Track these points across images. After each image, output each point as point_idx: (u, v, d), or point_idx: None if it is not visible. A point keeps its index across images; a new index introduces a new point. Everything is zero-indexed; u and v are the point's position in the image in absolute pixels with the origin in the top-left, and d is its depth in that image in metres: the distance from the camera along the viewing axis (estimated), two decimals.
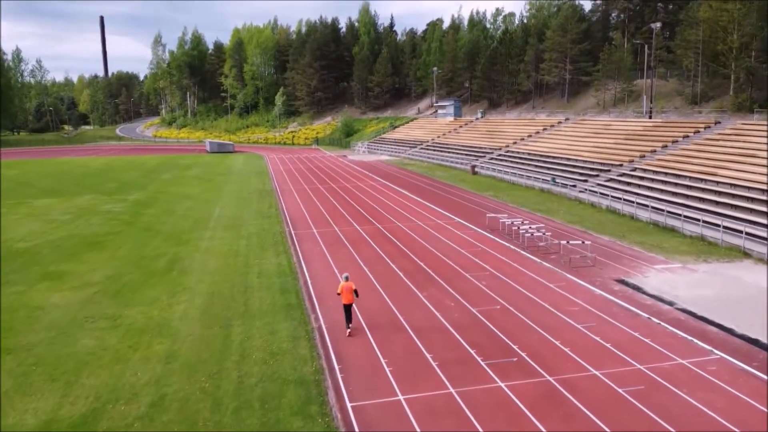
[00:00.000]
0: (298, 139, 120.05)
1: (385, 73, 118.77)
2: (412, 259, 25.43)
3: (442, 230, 31.48)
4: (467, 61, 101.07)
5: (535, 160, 53.61)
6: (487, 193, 44.71)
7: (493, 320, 17.90)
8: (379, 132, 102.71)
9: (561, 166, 49.04)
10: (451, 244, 28.19)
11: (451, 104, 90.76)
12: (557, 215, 35.00)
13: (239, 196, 45.91)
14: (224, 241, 29.63)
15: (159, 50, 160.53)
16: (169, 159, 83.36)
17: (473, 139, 72.44)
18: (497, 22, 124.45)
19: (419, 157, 75.54)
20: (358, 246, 28.19)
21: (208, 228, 33.21)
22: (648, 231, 30.40)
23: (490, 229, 31.01)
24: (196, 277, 23.18)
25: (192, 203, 42.29)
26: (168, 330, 17.79)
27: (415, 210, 38.09)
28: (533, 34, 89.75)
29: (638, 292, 20.63)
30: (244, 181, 56.13)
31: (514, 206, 38.67)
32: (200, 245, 28.81)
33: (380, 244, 28.44)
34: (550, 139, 59.36)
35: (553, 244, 26.77)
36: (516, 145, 62.08)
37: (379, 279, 22.52)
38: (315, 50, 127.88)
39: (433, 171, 61.56)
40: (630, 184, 39.63)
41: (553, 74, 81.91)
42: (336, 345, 16.44)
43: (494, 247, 27.32)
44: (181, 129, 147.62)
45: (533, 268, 23.68)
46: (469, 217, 34.86)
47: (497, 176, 53.53)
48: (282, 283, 22.13)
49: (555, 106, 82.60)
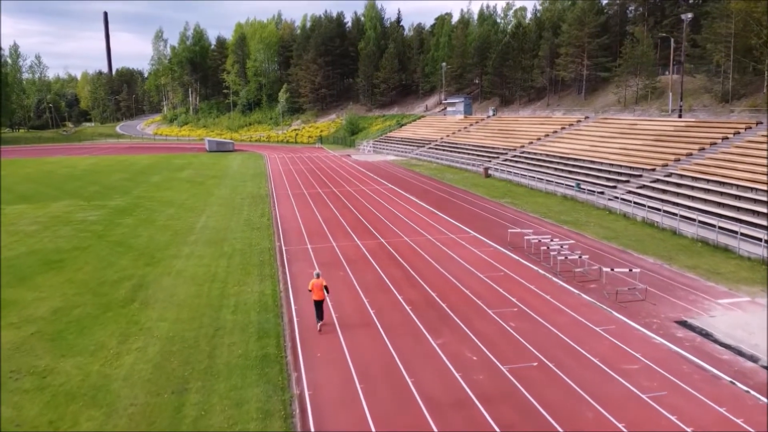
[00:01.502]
0: (301, 137, 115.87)
1: (392, 69, 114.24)
2: (422, 288, 21.15)
3: (456, 247, 27.18)
4: (477, 56, 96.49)
5: (555, 162, 49.15)
6: (503, 199, 40.32)
7: (531, 386, 13.61)
8: (385, 130, 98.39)
9: (584, 170, 44.58)
10: (467, 266, 23.89)
11: (461, 101, 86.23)
12: (587, 229, 30.59)
13: (230, 202, 41.75)
14: (202, 261, 25.45)
15: (160, 46, 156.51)
16: (162, 159, 79.28)
17: (485, 139, 67.98)
18: (508, 16, 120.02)
19: (427, 157, 71.18)
20: (357, 268, 23.95)
21: (188, 243, 29.04)
22: (697, 251, 25.99)
23: (513, 247, 26.67)
24: (158, 313, 18.99)
25: (175, 211, 38.14)
26: (105, 396, 13.62)
27: (423, 220, 33.79)
28: (548, 28, 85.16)
29: (708, 340, 16.32)
30: (238, 184, 51.98)
31: (535, 216, 34.29)
32: (173, 266, 24.63)
33: (384, 266, 24.18)
34: (569, 139, 54.86)
35: (592, 270, 22.40)
36: (532, 145, 57.60)
37: (381, 316, 18.26)
38: (319, 45, 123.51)
39: (442, 173, 57.22)
40: (666, 192, 35.17)
41: (570, 70, 77.30)
42: (321, 423, 12.23)
43: (519, 271, 22.98)
44: (182, 127, 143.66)
45: (571, 302, 19.34)
46: (486, 231, 30.51)
47: (513, 180, 49.11)
48: (261, 323, 17.90)
49: (571, 103, 78.02)
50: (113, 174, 61.00)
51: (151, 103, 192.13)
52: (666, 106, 61.23)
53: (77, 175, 60.32)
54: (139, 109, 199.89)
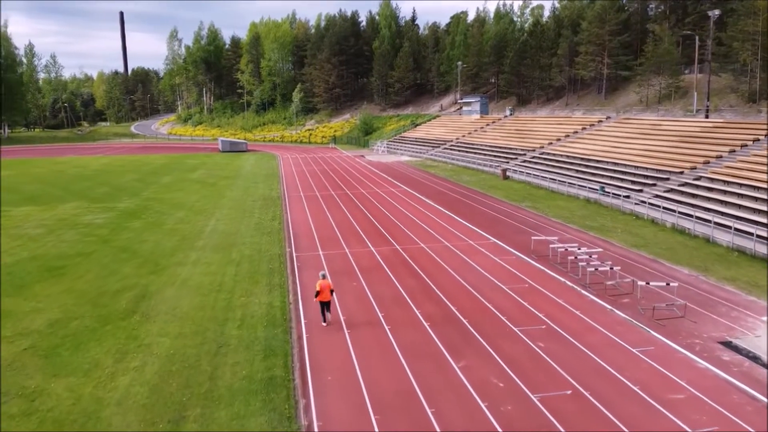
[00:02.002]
0: (315, 137, 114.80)
1: (407, 68, 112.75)
2: (440, 301, 19.77)
3: (476, 255, 25.75)
4: (494, 55, 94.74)
5: (576, 164, 47.47)
6: (523, 203, 38.77)
7: (566, 420, 12.19)
8: (400, 130, 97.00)
9: (607, 172, 42.90)
10: (490, 276, 22.46)
11: (477, 101, 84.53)
12: (615, 235, 29.00)
13: (241, 204, 40.63)
14: (209, 268, 24.26)
15: (175, 45, 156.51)
16: (175, 159, 78.52)
17: (502, 139, 66.33)
18: (525, 14, 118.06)
19: (443, 157, 69.68)
20: (371, 277, 22.61)
21: (195, 248, 27.90)
22: (733, 261, 24.34)
23: (537, 256, 25.19)
24: (160, 326, 17.81)
25: (185, 214, 37.07)
26: (95, 425, 12.43)
27: (440, 225, 32.38)
28: (567, 26, 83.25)
29: (757, 364, 14.79)
30: (250, 185, 50.89)
31: (558, 222, 32.74)
32: (179, 274, 23.46)
33: (399, 276, 22.83)
34: (590, 139, 53.10)
35: (625, 282, 20.85)
36: (552, 146, 55.90)
37: (397, 334, 16.92)
38: (334, 45, 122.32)
39: (458, 174, 55.73)
40: (696, 197, 33.45)
41: (590, 68, 75.36)
42: None
43: (545, 283, 21.50)
44: (197, 126, 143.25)
45: (604, 319, 17.85)
46: (507, 237, 29.04)
47: (533, 182, 47.50)
48: (268, 340, 16.64)
49: (591, 103, 76.08)
50: (124, 175, 60.24)
51: (166, 102, 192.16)
52: (690, 106, 59.21)
53: (88, 176, 59.62)
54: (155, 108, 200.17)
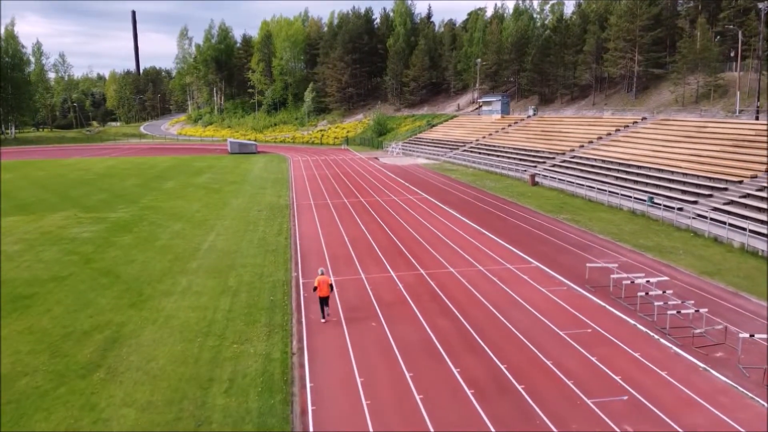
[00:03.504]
0: (327, 138, 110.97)
1: (422, 66, 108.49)
2: (484, 354, 15.67)
3: (518, 284, 21.62)
4: (515, 52, 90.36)
5: (614, 169, 43.11)
6: (561, 215, 34.52)
7: None
8: (415, 131, 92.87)
9: (651, 179, 38.55)
10: (540, 316, 18.31)
11: (498, 100, 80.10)
12: (677, 258, 24.71)
13: (245, 215, 36.79)
14: (199, 300, 20.36)
15: (185, 44, 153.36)
16: (182, 162, 74.94)
17: (527, 141, 62.00)
18: (544, 11, 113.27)
19: (462, 160, 65.48)
20: (394, 317, 18.56)
21: (187, 271, 24.04)
22: None
23: (592, 286, 21.01)
24: (126, 390, 13.88)
25: (182, 227, 33.27)
26: None
27: (470, 243, 28.28)
28: (593, 21, 78.68)
29: None
30: (257, 192, 47.07)
31: (606, 239, 28.50)
32: (163, 308, 19.58)
33: (428, 313, 18.77)
34: (627, 142, 48.65)
35: (716, 330, 16.60)
36: (583, 149, 51.52)
37: (433, 410, 12.83)
38: (347, 43, 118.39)
39: (481, 180, 51.53)
40: (762, 211, 29.08)
41: (619, 66, 70.75)
42: None
43: (613, 328, 17.29)
44: (207, 127, 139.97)
45: (702, 386, 13.65)
46: (551, 259, 24.86)
47: (566, 189, 43.17)
48: (262, 415, 12.64)
49: (620, 102, 71.51)
50: (126, 179, 56.70)
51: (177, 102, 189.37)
52: (732, 106, 54.66)
53: (89, 180, 56.12)
54: (166, 108, 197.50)
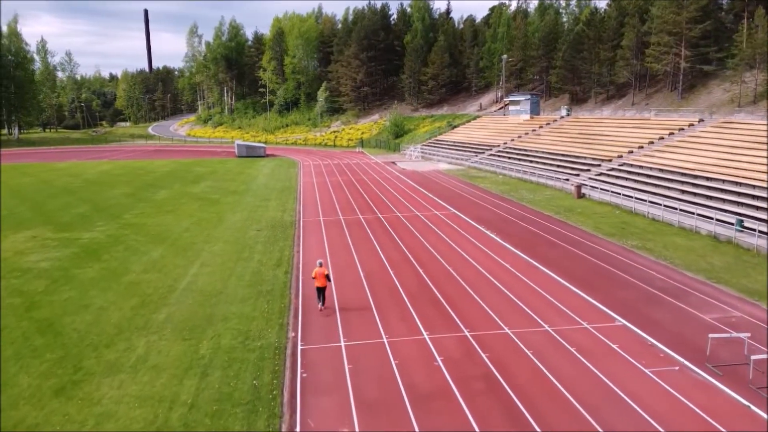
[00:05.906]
0: (340, 140, 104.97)
1: (441, 64, 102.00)
2: None
3: (607, 360, 15.28)
4: (543, 48, 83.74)
5: (677, 181, 36.56)
6: (627, 240, 28.01)
7: None
8: (435, 132, 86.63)
9: (730, 195, 31.98)
10: (650, 419, 12.03)
11: (527, 99, 73.40)
12: None
13: (241, 236, 30.78)
14: (154, 384, 14.27)
15: (195, 42, 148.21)
16: (183, 166, 69.15)
17: (563, 145, 55.44)
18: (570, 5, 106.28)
19: (489, 166, 59.12)
20: (430, 415, 12.38)
21: (151, 326, 18.03)
22: None
23: (716, 366, 14.67)
24: None
25: (162, 253, 27.29)
26: None
27: (523, 283, 22.00)
28: (632, 14, 71.79)
29: None
30: (259, 204, 41.11)
31: (697, 278, 22.05)
32: (100, 398, 13.52)
33: (483, 415, 12.56)
34: (687, 149, 41.96)
35: None
36: (633, 155, 44.89)
37: None
38: (362, 39, 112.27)
39: (516, 190, 45.17)
40: None
41: (664, 62, 63.89)
42: None
43: None
44: (217, 128, 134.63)
45: None
46: (639, 314, 18.43)
47: (622, 204, 36.58)
48: None
49: (664, 102, 64.66)
50: (117, 186, 51.00)
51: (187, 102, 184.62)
52: None
53: (74, 188, 50.41)
54: (177, 108, 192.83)
